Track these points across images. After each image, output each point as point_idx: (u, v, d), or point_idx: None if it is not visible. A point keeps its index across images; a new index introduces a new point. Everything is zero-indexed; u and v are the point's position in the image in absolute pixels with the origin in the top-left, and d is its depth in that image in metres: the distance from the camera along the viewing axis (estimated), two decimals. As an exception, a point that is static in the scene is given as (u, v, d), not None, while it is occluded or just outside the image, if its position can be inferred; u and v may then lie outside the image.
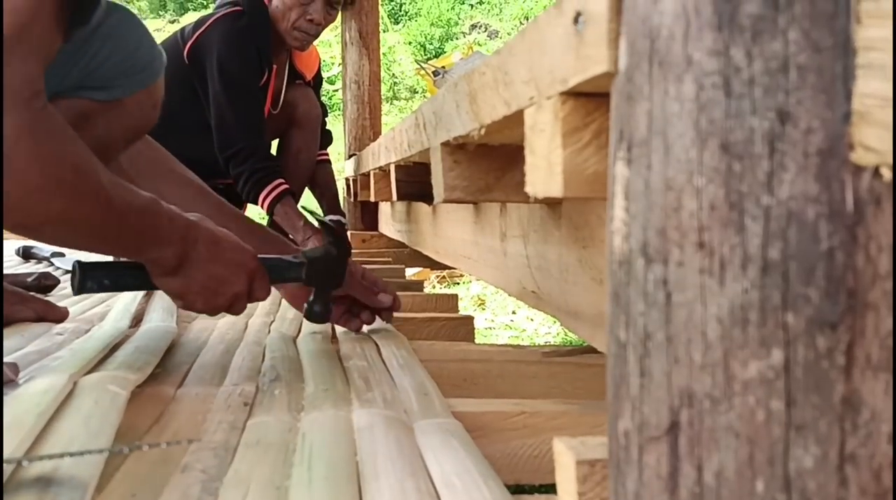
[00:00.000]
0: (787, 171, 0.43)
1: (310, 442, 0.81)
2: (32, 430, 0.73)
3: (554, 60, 0.63)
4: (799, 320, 0.43)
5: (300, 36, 2.60)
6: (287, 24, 2.57)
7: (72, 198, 0.93)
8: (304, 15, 2.56)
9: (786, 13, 0.42)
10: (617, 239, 0.51)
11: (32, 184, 0.88)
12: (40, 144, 0.89)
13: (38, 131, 0.89)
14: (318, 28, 2.61)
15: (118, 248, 1.06)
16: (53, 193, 0.91)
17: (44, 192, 0.90)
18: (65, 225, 0.95)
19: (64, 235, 1.00)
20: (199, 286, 1.13)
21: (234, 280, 1.17)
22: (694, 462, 0.46)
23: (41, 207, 0.91)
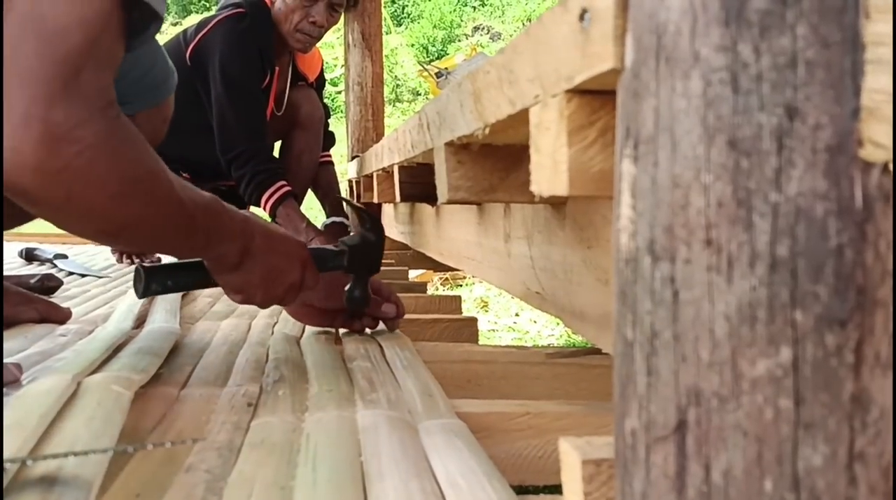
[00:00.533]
0: (795, 167, 0.42)
1: (314, 443, 0.80)
2: (36, 430, 0.73)
3: (559, 58, 0.63)
4: (807, 318, 0.42)
5: (302, 38, 2.60)
6: (289, 26, 2.57)
7: (148, 202, 0.97)
8: (306, 17, 2.56)
9: (794, 8, 0.42)
10: (623, 237, 0.50)
11: (113, 190, 0.92)
12: (118, 152, 0.92)
13: (114, 139, 0.92)
14: (320, 30, 2.61)
15: (187, 247, 1.09)
16: (132, 198, 0.95)
17: (124, 197, 0.93)
18: (142, 228, 0.99)
19: (141, 238, 1.03)
20: (259, 279, 1.17)
21: (289, 270, 1.21)
22: (702, 461, 0.45)
23: (121, 212, 0.94)
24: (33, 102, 0.85)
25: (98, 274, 2.52)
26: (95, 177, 0.90)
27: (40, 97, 0.86)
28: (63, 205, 0.90)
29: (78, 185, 0.89)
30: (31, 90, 0.85)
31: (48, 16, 0.87)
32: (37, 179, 0.87)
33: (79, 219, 0.94)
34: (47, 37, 0.87)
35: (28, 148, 0.85)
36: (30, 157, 0.85)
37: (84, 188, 0.90)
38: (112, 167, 0.92)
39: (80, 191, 0.89)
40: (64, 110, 0.87)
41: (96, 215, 0.93)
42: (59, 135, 0.86)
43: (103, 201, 0.92)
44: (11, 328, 1.45)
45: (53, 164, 0.87)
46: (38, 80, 0.86)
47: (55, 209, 0.92)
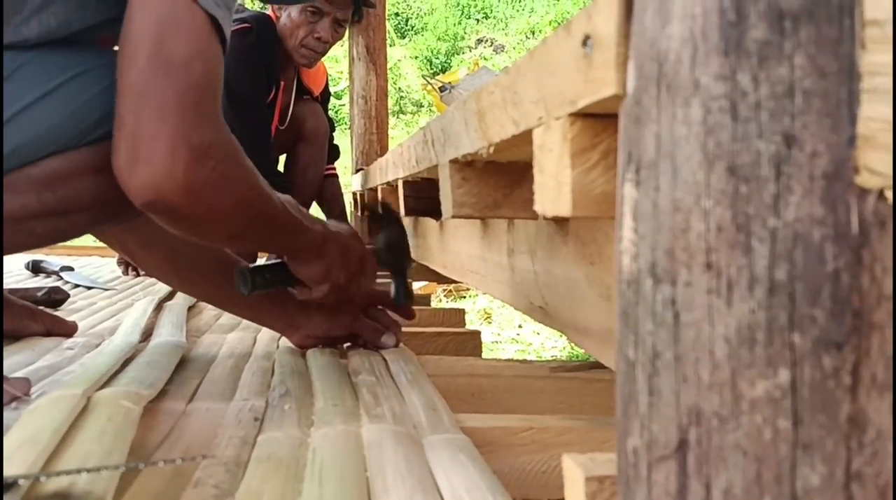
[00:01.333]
0: (793, 193, 0.43)
1: (320, 458, 0.81)
2: (48, 445, 0.74)
3: (563, 82, 0.64)
4: (805, 341, 0.43)
5: (307, 53, 2.61)
6: (295, 41, 2.59)
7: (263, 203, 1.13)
8: (311, 33, 2.57)
9: (791, 39, 0.43)
10: (625, 259, 0.51)
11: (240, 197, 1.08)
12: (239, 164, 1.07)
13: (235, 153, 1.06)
14: (325, 46, 2.62)
15: (288, 240, 1.23)
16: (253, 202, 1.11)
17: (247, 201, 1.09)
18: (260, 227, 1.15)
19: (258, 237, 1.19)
20: (337, 260, 1.30)
21: (355, 245, 1.35)
22: (702, 480, 0.46)
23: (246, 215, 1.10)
24: (176, 134, 0.96)
25: (104, 286, 2.53)
26: (227, 188, 1.04)
27: (181, 128, 0.97)
28: (205, 216, 1.03)
29: (216, 197, 1.02)
30: (173, 122, 0.96)
31: (172, 51, 0.97)
32: (186, 197, 0.98)
33: (216, 227, 1.08)
34: (177, 69, 0.97)
35: (179, 173, 0.96)
36: (181, 179, 0.97)
37: (220, 199, 1.03)
38: (237, 176, 1.06)
39: (218, 202, 1.03)
40: (200, 134, 0.98)
41: (229, 221, 1.08)
42: (199, 156, 0.98)
43: (233, 208, 1.07)
44: (18, 342, 1.46)
45: (199, 180, 0.99)
46: (177, 113, 0.96)
47: (198, 221, 1.04)
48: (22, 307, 1.57)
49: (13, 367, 1.24)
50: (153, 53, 0.97)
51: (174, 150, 0.96)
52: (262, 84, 2.58)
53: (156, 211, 1.01)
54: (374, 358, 1.36)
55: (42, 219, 1.09)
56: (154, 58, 0.97)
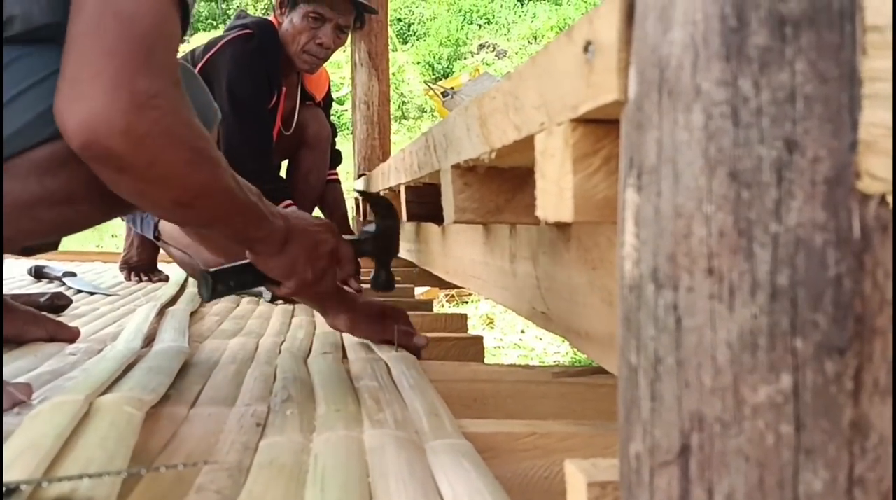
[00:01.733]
0: (794, 199, 0.43)
1: (322, 463, 0.81)
2: (51, 451, 0.74)
3: (564, 87, 0.64)
4: (807, 346, 0.43)
5: (309, 59, 2.62)
6: (297, 47, 2.59)
7: (214, 171, 1.06)
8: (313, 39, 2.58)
9: (793, 45, 0.43)
10: (627, 264, 0.51)
11: (187, 156, 1.01)
12: (188, 122, 1.02)
13: (185, 110, 1.01)
14: (327, 52, 2.63)
15: (242, 223, 1.16)
16: (202, 166, 1.04)
17: (195, 164, 1.03)
18: (211, 198, 1.07)
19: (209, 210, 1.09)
20: (304, 255, 1.25)
21: (325, 240, 1.29)
22: (704, 486, 0.46)
23: (194, 180, 1.03)
24: (119, 73, 0.93)
25: (107, 292, 2.53)
26: (173, 142, 0.99)
27: (125, 69, 0.93)
28: (146, 170, 0.97)
29: (159, 149, 0.97)
30: (116, 63, 0.93)
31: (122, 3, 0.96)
32: (125, 142, 0.94)
33: (159, 185, 1.01)
34: (125, 18, 0.95)
35: (118, 114, 0.92)
36: (119, 121, 0.93)
37: (164, 152, 0.98)
38: (185, 135, 1.01)
39: (161, 155, 0.98)
40: (146, 81, 0.95)
41: (174, 182, 1.01)
42: (142, 102, 0.94)
43: (180, 168, 1.01)
44: (20, 347, 1.46)
45: (140, 127, 0.94)
46: (122, 55, 0.94)
47: (139, 175, 0.98)
48: (24, 313, 1.57)
49: (16, 372, 1.24)
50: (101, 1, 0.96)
51: (115, 89, 0.93)
52: (263, 90, 2.59)
53: (93, 156, 0.96)
54: (377, 364, 1.36)
55: (47, 206, 1.09)
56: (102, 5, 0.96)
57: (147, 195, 1.03)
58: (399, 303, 2.44)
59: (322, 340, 1.63)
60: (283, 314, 2.04)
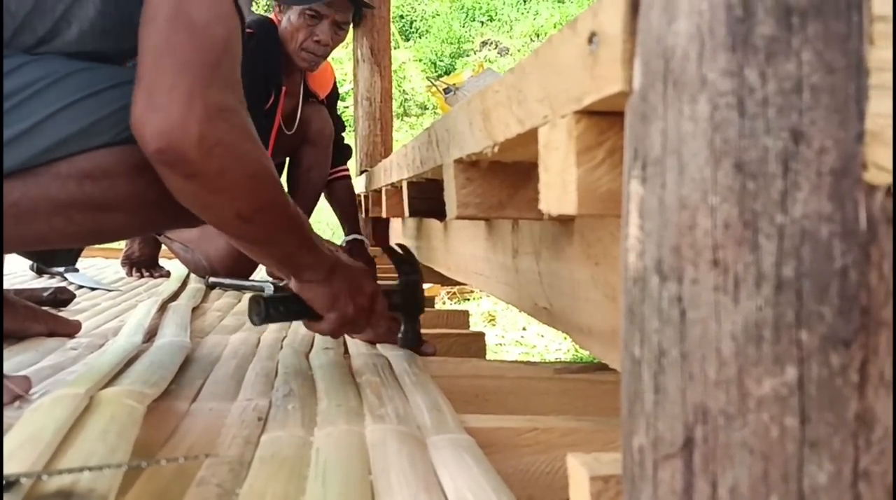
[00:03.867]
0: (800, 190, 0.43)
1: (324, 457, 0.81)
2: (51, 444, 0.74)
3: (568, 79, 0.64)
4: (813, 338, 0.43)
5: (307, 57, 2.60)
6: (295, 44, 2.58)
7: (274, 190, 1.12)
8: (311, 36, 2.56)
9: (799, 35, 0.43)
10: (632, 256, 0.51)
11: (252, 170, 1.06)
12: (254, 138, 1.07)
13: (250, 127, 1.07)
14: (325, 49, 2.61)
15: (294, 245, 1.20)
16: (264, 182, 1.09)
17: (259, 179, 1.08)
18: (270, 215, 1.11)
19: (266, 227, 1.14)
20: (346, 291, 1.27)
21: (367, 283, 1.31)
22: (708, 478, 0.46)
23: (256, 195, 1.08)
24: (193, 86, 0.98)
25: (108, 287, 2.53)
26: (241, 154, 1.04)
27: (199, 82, 0.99)
28: (215, 178, 1.02)
29: (228, 159, 1.02)
30: (191, 75, 0.98)
31: (193, 12, 1.00)
32: (198, 149, 0.98)
33: (224, 196, 1.05)
34: (197, 31, 1.00)
35: (192, 123, 0.98)
36: (194, 130, 0.98)
37: (232, 163, 1.03)
38: (251, 149, 1.06)
39: (230, 166, 1.03)
40: (218, 94, 1.01)
41: (238, 194, 1.06)
42: (215, 114, 1.00)
43: (245, 180, 1.06)
44: (22, 342, 1.46)
45: (212, 137, 0.99)
46: (196, 68, 0.99)
47: (207, 183, 1.02)
48: (24, 308, 1.57)
49: (17, 367, 1.23)
50: (173, 15, 1.00)
51: (190, 100, 0.98)
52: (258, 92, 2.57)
53: (166, 161, 1.00)
54: (378, 359, 1.36)
55: (82, 209, 1.11)
56: (174, 19, 1.00)
57: (212, 206, 1.07)
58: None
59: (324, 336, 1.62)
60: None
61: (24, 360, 1.30)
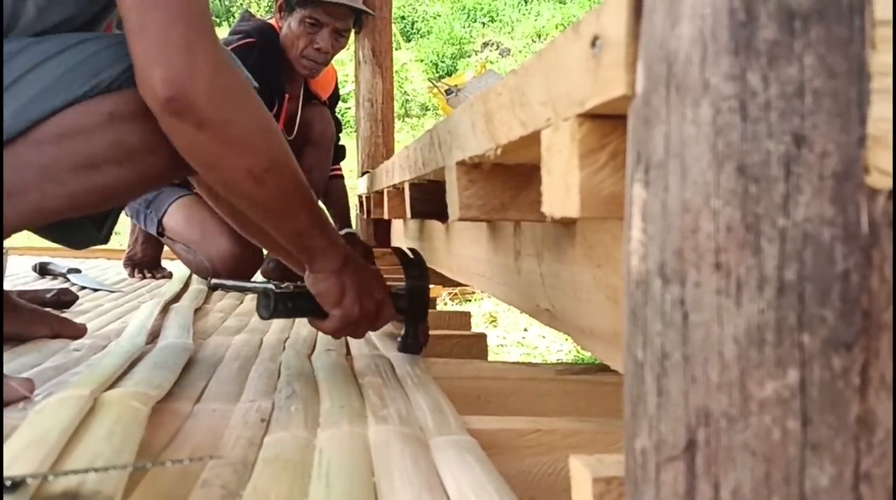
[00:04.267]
0: (802, 193, 0.43)
1: (327, 459, 0.81)
2: (57, 445, 0.74)
3: (571, 82, 0.64)
4: (814, 341, 0.43)
5: (308, 64, 2.60)
6: (295, 52, 2.58)
7: (282, 149, 1.11)
8: (311, 43, 2.56)
9: (801, 39, 0.43)
10: (634, 259, 0.51)
11: (259, 125, 1.07)
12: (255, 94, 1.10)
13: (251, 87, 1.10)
14: (325, 56, 2.61)
15: (306, 221, 1.18)
16: (272, 138, 1.09)
17: (267, 134, 1.09)
18: (280, 178, 1.10)
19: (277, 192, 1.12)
20: (355, 290, 1.25)
21: (377, 286, 1.30)
22: (711, 481, 0.46)
23: (266, 151, 1.08)
24: (190, 34, 1.00)
25: (111, 288, 2.54)
26: (248, 106, 1.06)
27: (196, 30, 1.01)
28: (224, 128, 1.03)
29: (236, 109, 1.04)
30: (183, 24, 1.00)
31: None
32: (207, 96, 1.00)
33: (235, 149, 1.05)
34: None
35: (199, 70, 0.99)
36: (202, 76, 1.00)
37: (241, 114, 1.05)
38: (258, 104, 1.08)
39: (238, 115, 1.04)
40: (212, 45, 1.03)
41: (248, 147, 1.06)
42: (217, 63, 1.02)
43: (254, 134, 1.06)
44: (25, 344, 1.47)
45: (220, 85, 1.01)
46: (185, 16, 1.00)
47: (216, 133, 1.03)
48: (29, 310, 1.58)
49: (20, 368, 1.24)
50: None
51: (190, 49, 0.99)
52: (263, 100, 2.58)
53: (178, 110, 1.00)
54: (380, 360, 1.37)
55: (69, 170, 1.11)
56: None
57: (223, 162, 1.06)
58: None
59: (326, 337, 1.62)
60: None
61: (28, 361, 1.30)
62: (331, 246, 1.22)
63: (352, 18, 2.61)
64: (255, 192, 1.10)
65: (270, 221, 1.18)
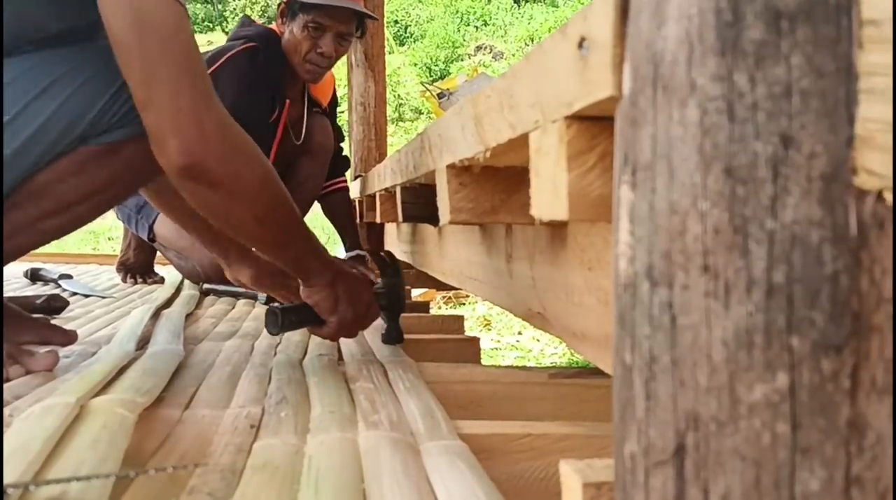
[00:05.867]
0: (790, 195, 0.43)
1: (316, 465, 0.81)
2: (40, 453, 0.73)
3: (559, 85, 0.63)
4: (804, 344, 0.43)
5: (311, 68, 2.59)
6: (298, 57, 2.57)
7: (279, 193, 1.21)
8: (314, 48, 2.55)
9: (788, 38, 0.43)
10: (622, 262, 0.51)
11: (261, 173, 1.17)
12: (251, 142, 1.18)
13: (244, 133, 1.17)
14: (328, 60, 2.60)
15: (302, 247, 1.29)
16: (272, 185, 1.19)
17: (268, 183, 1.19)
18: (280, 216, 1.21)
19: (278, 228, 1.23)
20: (346, 298, 1.35)
21: (364, 290, 1.40)
22: (700, 486, 0.46)
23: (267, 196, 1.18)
24: (199, 103, 1.09)
25: (102, 294, 2.53)
26: (251, 159, 1.16)
27: (201, 99, 1.10)
28: (233, 183, 1.13)
29: (242, 165, 1.14)
30: (193, 94, 1.09)
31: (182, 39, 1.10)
32: (218, 159, 1.10)
33: (243, 199, 1.15)
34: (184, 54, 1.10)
35: (209, 136, 1.09)
36: (212, 142, 1.09)
37: (246, 168, 1.14)
38: (257, 153, 1.18)
39: (244, 170, 1.14)
40: (216, 108, 1.12)
41: (254, 196, 1.16)
42: (222, 125, 1.12)
43: (258, 183, 1.16)
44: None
45: (227, 145, 1.12)
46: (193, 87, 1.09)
47: (227, 189, 1.13)
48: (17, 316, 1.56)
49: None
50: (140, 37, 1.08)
51: (198, 117, 1.08)
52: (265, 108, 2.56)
53: (193, 176, 1.10)
54: (372, 365, 1.36)
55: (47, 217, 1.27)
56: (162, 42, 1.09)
57: (233, 212, 1.17)
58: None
59: (317, 342, 1.62)
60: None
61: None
62: (323, 265, 1.32)
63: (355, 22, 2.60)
64: (261, 233, 1.22)
65: (271, 252, 1.30)
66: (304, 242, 1.29)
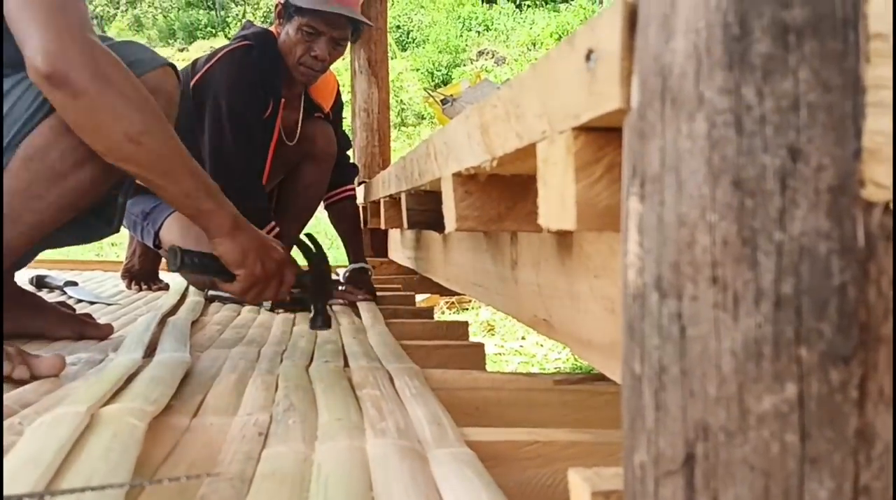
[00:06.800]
0: (798, 207, 0.43)
1: (325, 473, 0.81)
2: (52, 464, 0.74)
3: (566, 96, 0.64)
4: (812, 355, 0.43)
5: (305, 71, 2.60)
6: (293, 59, 2.58)
7: (155, 108, 1.28)
8: (308, 51, 2.56)
9: (796, 53, 0.43)
10: (631, 273, 0.51)
11: (130, 90, 1.25)
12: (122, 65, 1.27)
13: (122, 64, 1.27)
14: (322, 64, 2.60)
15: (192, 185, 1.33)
16: (147, 104, 1.27)
17: (142, 101, 1.26)
18: (158, 141, 1.28)
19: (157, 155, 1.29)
20: (255, 251, 1.39)
21: (276, 248, 1.43)
22: (710, 495, 0.46)
23: (140, 112, 1.25)
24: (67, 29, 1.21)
25: (107, 301, 2.53)
26: (117, 77, 1.24)
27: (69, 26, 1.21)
28: (98, 95, 1.21)
29: (107, 81, 1.22)
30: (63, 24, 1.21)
31: None
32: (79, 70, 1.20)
33: (110, 114, 1.23)
34: None
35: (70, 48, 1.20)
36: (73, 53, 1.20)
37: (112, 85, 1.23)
38: (127, 75, 1.26)
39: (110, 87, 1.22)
40: (85, 34, 1.22)
41: (122, 112, 1.24)
42: (85, 42, 1.22)
43: (126, 100, 1.24)
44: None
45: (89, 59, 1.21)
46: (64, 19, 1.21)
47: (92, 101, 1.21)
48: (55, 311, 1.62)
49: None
50: None
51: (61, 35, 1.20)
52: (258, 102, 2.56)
53: (55, 83, 1.20)
54: (378, 372, 1.36)
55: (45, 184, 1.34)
56: None
57: (101, 127, 1.24)
58: (399, 311, 2.44)
59: (323, 348, 1.63)
60: (284, 323, 2.04)
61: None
62: (219, 208, 1.36)
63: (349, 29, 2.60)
64: (135, 153, 1.27)
65: (156, 184, 1.32)
66: (192, 179, 1.33)
